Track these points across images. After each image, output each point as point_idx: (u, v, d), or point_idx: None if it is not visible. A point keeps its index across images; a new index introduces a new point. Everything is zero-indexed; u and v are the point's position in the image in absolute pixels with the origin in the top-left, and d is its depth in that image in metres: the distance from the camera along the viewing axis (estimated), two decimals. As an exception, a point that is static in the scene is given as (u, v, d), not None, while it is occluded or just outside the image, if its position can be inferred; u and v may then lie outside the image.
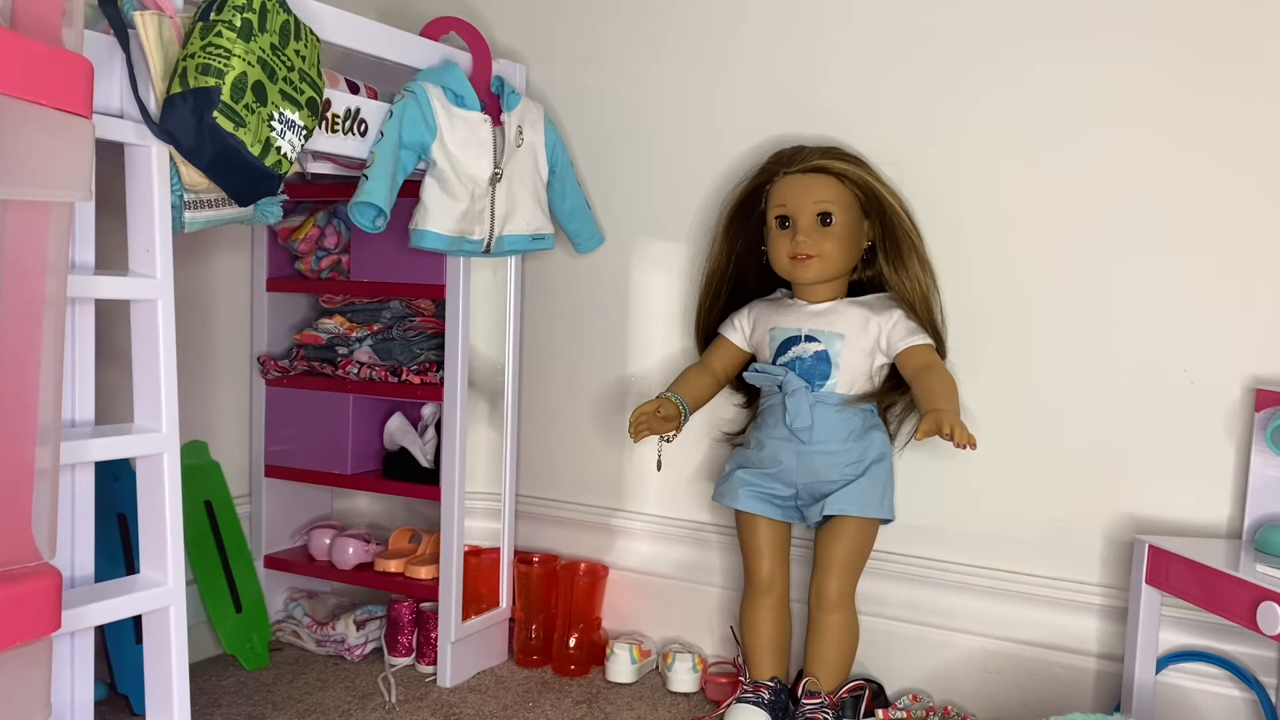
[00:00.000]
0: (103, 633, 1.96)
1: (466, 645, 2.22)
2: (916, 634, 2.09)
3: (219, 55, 1.43)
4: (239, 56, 1.44)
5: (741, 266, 2.12)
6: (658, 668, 2.28)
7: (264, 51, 1.48)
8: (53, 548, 1.17)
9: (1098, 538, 1.94)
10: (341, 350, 2.35)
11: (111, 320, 1.60)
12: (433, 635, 2.22)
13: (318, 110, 1.61)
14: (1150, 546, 1.74)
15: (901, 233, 1.97)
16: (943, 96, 2.02)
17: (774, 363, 2.01)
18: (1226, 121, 1.81)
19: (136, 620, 1.93)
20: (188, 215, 1.55)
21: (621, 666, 2.21)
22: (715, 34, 2.23)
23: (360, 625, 2.32)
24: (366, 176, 1.82)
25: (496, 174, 2.02)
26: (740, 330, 2.10)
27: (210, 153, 1.45)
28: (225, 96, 1.43)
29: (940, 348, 1.99)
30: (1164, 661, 1.86)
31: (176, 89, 1.42)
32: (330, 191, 2.30)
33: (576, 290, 2.40)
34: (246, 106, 1.46)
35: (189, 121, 1.42)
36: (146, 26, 1.41)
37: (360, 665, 2.28)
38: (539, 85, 2.39)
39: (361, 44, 1.85)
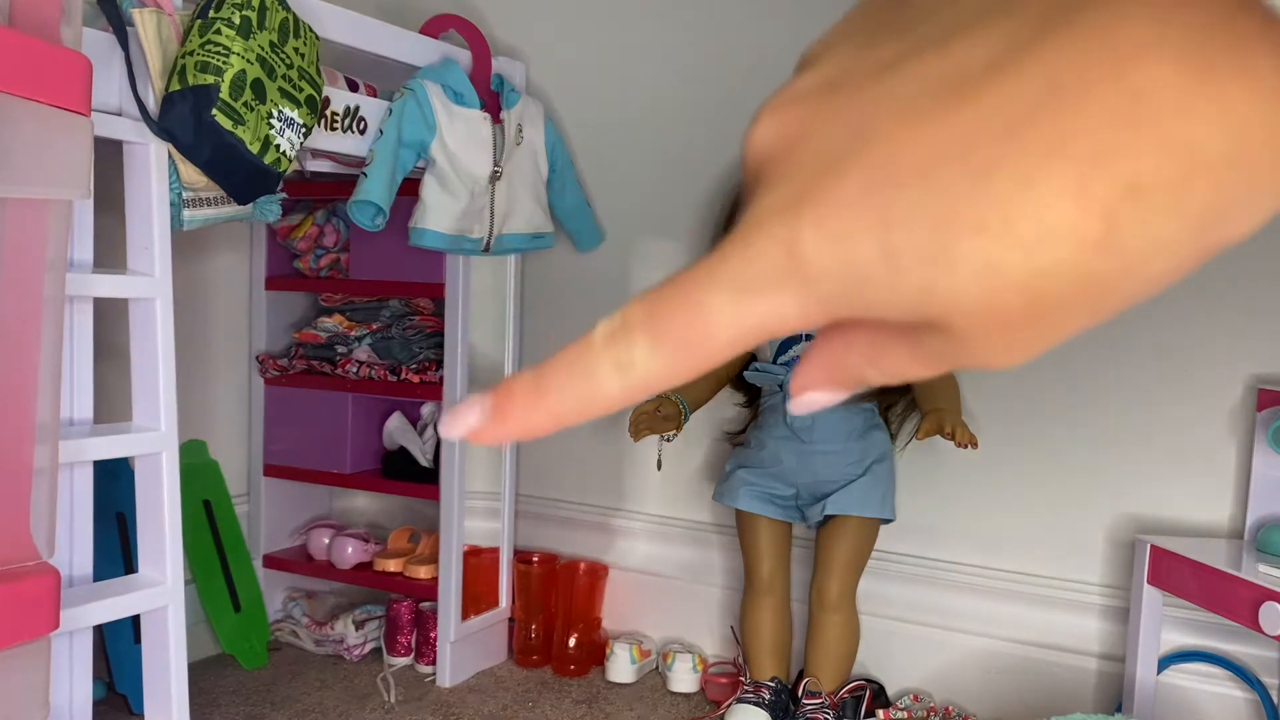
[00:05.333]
0: (101, 632, 1.96)
1: (466, 645, 2.21)
2: (917, 634, 2.08)
3: (218, 53, 1.42)
4: (238, 54, 1.44)
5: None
6: (658, 668, 2.27)
7: (263, 49, 1.48)
8: (51, 547, 1.16)
9: (1099, 537, 1.93)
10: (340, 349, 2.35)
11: (110, 319, 1.60)
12: (432, 635, 2.22)
13: (317, 108, 1.61)
14: (1152, 546, 1.74)
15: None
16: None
17: (775, 362, 2.00)
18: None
19: (135, 619, 1.93)
20: (186, 213, 1.55)
21: (621, 666, 2.21)
22: (716, 31, 2.22)
23: (359, 625, 2.32)
24: (366, 174, 1.82)
25: (496, 172, 2.02)
26: (741, 329, 2.09)
27: (209, 150, 1.45)
28: (224, 94, 1.42)
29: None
30: (1165, 662, 1.85)
31: (175, 87, 1.42)
32: (329, 189, 2.30)
33: (576, 289, 2.39)
34: (245, 104, 1.45)
35: (188, 119, 1.42)
36: (145, 24, 1.41)
37: (359, 665, 2.28)
38: (539, 83, 2.38)
39: (361, 41, 1.85)
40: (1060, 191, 0.20)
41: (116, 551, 1.98)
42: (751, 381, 2.04)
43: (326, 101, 1.73)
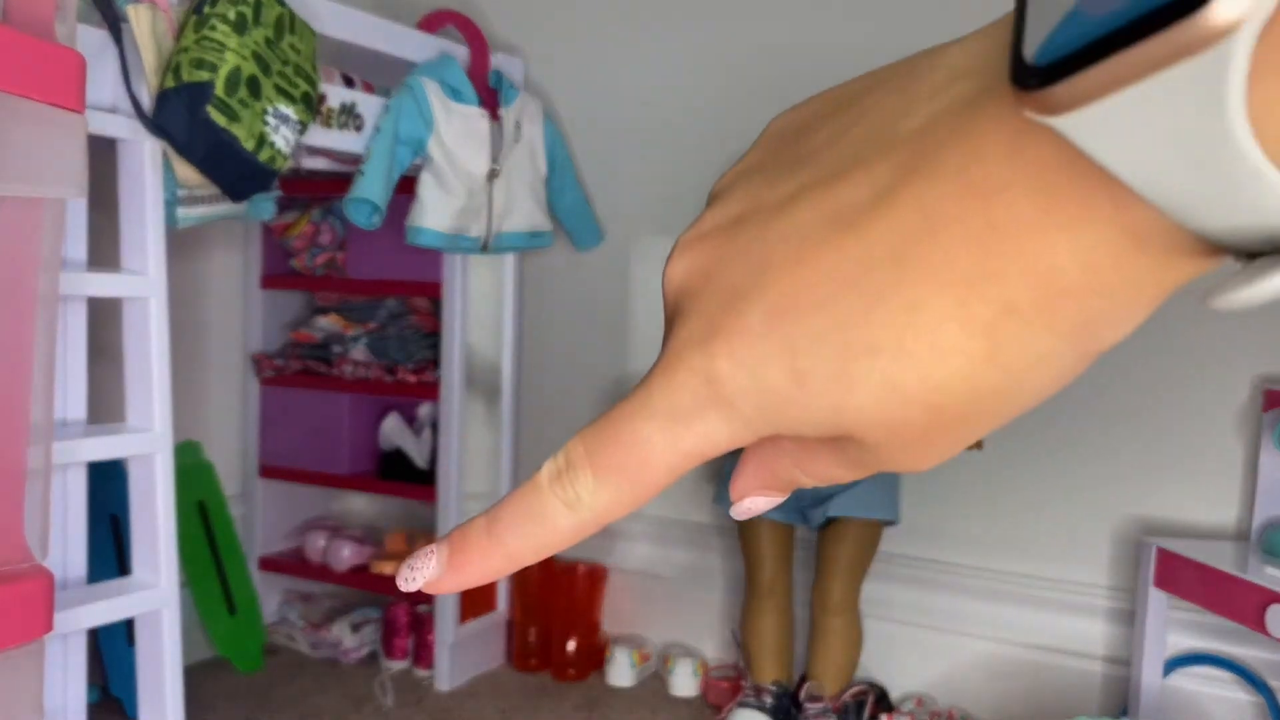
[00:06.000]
0: (95, 635, 1.94)
1: (464, 648, 2.19)
2: (921, 637, 2.07)
3: (213, 49, 1.40)
4: (233, 50, 1.42)
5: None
6: (658, 672, 2.26)
7: (258, 45, 1.46)
8: (45, 549, 1.14)
9: (1104, 539, 1.92)
10: (337, 349, 2.33)
11: (104, 318, 1.58)
12: (429, 638, 2.20)
13: (313, 105, 1.59)
14: (1158, 549, 1.72)
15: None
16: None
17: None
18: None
19: (129, 622, 1.91)
20: (181, 211, 1.53)
21: (621, 671, 2.19)
22: (718, 27, 2.21)
23: (356, 628, 2.30)
24: (362, 172, 1.80)
25: (494, 170, 2.00)
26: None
27: (204, 148, 1.43)
28: (219, 91, 1.41)
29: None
30: (1171, 665, 1.84)
31: (170, 84, 1.40)
32: (325, 187, 2.28)
33: (575, 288, 2.38)
34: (241, 101, 1.44)
35: (182, 116, 1.40)
36: (140, 20, 1.39)
37: (356, 668, 2.26)
38: (537, 80, 2.36)
39: (357, 37, 1.83)
40: (945, 313, 0.22)
41: (111, 554, 1.96)
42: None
43: (323, 98, 1.71)
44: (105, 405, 1.73)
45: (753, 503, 0.30)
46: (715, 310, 0.25)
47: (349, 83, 1.84)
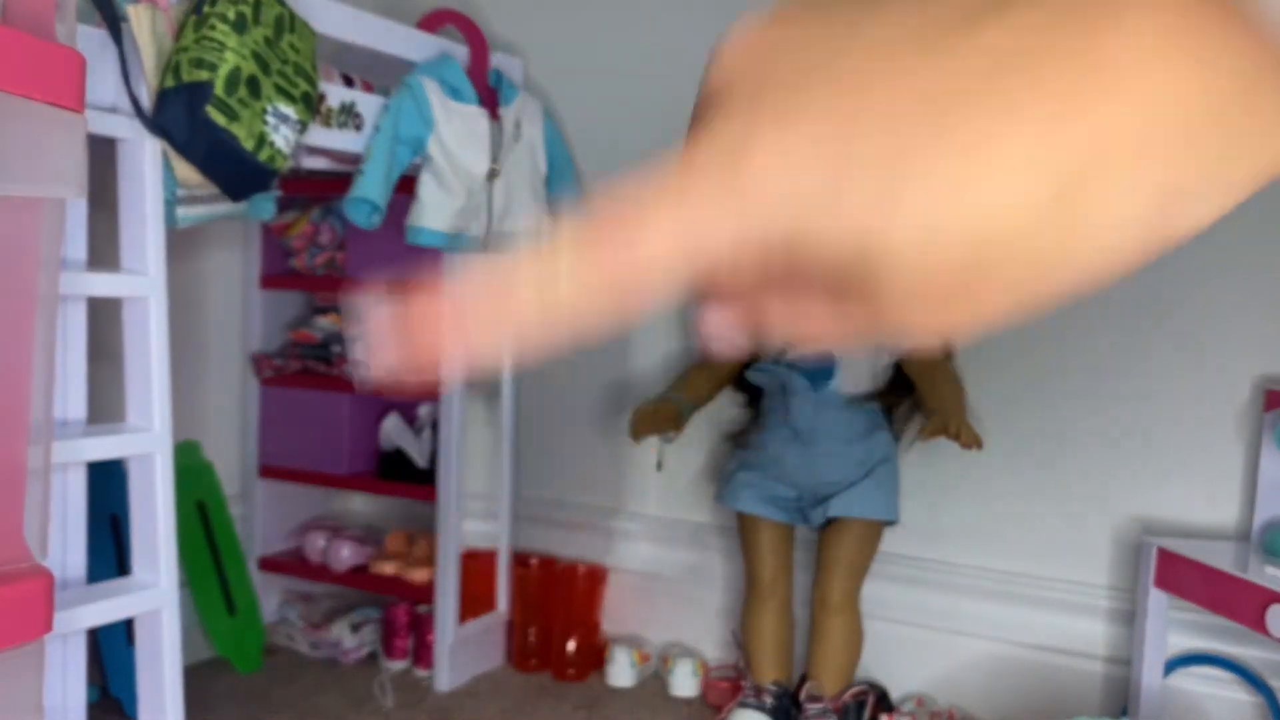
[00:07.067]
0: (95, 635, 1.94)
1: (463, 649, 2.19)
2: (921, 637, 2.06)
3: (212, 49, 1.40)
4: (233, 50, 1.42)
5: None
6: (658, 672, 2.25)
7: (258, 45, 1.46)
8: (44, 549, 1.14)
9: (1105, 539, 1.92)
10: (336, 348, 2.33)
11: (104, 318, 1.58)
12: (429, 638, 2.20)
13: (312, 104, 1.59)
14: (1158, 549, 1.72)
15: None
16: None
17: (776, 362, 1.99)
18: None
19: (129, 622, 1.91)
20: (181, 211, 1.53)
21: (621, 671, 2.19)
22: (719, 27, 2.20)
23: (356, 628, 2.30)
24: (362, 172, 1.80)
25: (494, 170, 2.00)
26: (742, 329, 2.08)
27: (204, 148, 1.43)
28: (219, 90, 1.41)
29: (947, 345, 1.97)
30: (1172, 665, 1.84)
31: (170, 83, 1.40)
32: (325, 187, 2.27)
33: (575, 289, 2.37)
34: (240, 101, 1.44)
35: (182, 116, 1.40)
36: (139, 20, 1.39)
37: (355, 669, 2.25)
38: (537, 79, 2.36)
39: (357, 36, 1.83)
40: (1019, 151, 0.19)
41: (110, 554, 1.96)
42: (754, 381, 2.02)
43: (322, 98, 1.71)
44: (105, 405, 1.73)
45: (719, 328, 0.27)
46: (771, 101, 0.22)
47: (349, 82, 1.83)
